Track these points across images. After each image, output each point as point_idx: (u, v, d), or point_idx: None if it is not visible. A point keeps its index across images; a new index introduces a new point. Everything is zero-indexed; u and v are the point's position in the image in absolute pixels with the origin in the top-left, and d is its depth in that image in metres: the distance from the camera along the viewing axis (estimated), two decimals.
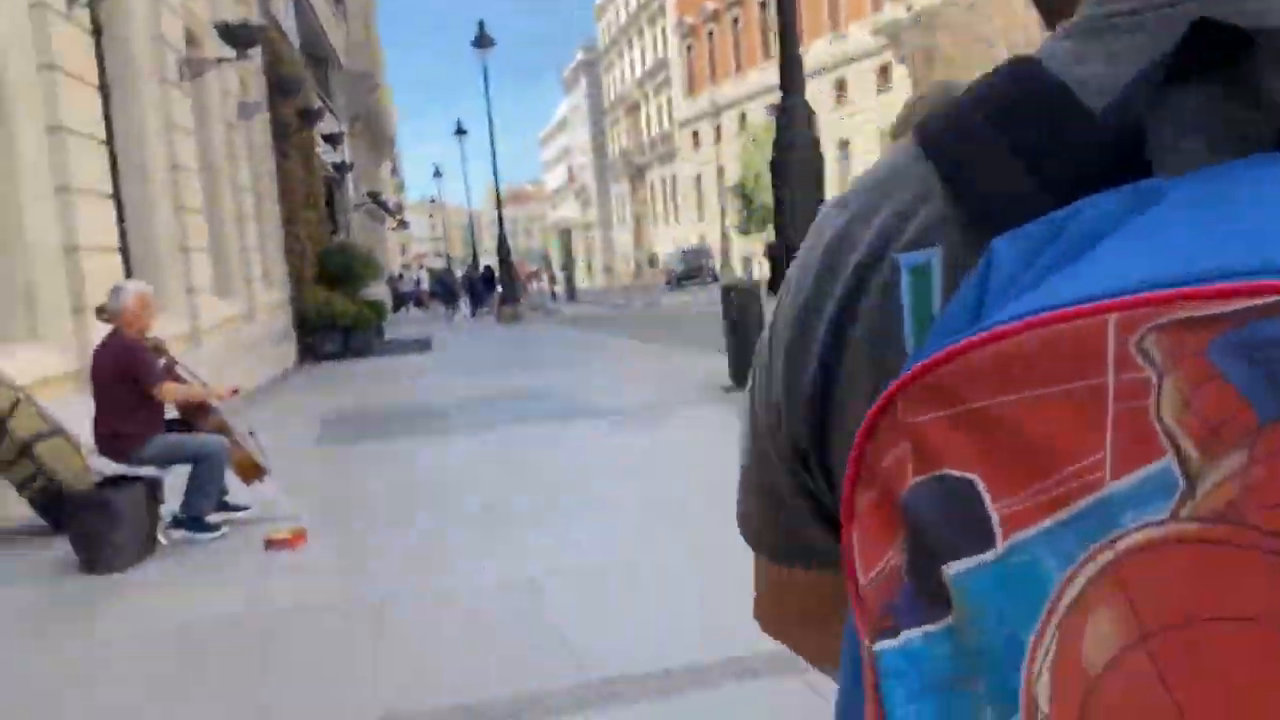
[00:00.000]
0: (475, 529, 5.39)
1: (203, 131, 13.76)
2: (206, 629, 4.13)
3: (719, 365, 9.74)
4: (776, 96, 9.00)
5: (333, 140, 22.98)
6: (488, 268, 36.09)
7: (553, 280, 41.48)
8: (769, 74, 32.31)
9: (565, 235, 42.64)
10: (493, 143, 28.77)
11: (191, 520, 5.47)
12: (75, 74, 8.17)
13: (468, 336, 22.33)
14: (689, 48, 56.98)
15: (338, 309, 18.42)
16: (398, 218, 59.11)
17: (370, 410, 10.56)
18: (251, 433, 5.88)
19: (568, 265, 39.51)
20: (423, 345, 20.12)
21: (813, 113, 8.52)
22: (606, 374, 12.23)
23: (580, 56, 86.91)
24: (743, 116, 46.72)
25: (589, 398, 9.92)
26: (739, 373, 8.86)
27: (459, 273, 42.50)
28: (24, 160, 7.18)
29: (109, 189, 8.93)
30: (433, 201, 79.69)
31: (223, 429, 5.61)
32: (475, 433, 8.63)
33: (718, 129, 51.77)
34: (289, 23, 20.63)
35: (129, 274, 10.16)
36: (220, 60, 13.00)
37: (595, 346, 15.83)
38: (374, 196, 37.18)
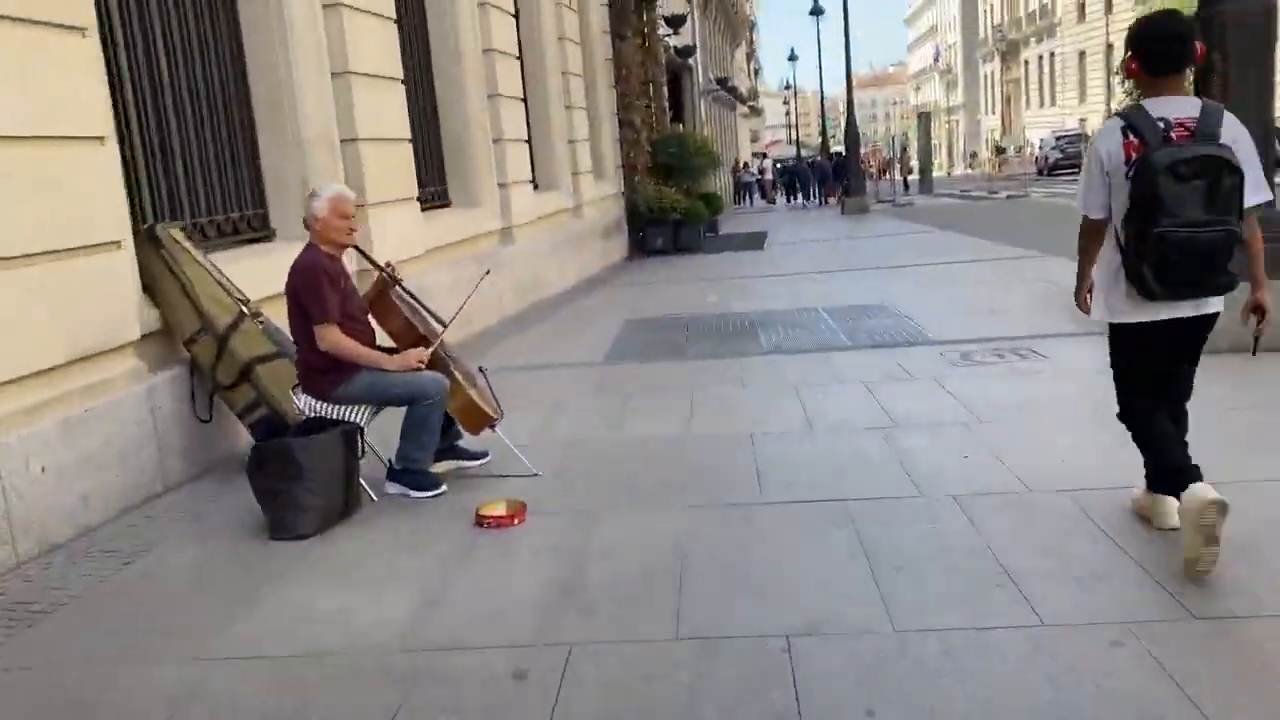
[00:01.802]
0: (774, 516, 4.03)
1: (526, 10, 12.99)
2: (339, 655, 3.10)
3: None
4: None
5: (674, 23, 21.79)
6: (836, 155, 33.96)
7: (905, 170, 38.40)
8: None
9: (924, 120, 39.12)
10: (846, 18, 26.40)
11: (406, 473, 4.52)
12: None
13: (806, 231, 20.71)
14: None
15: (668, 201, 17.46)
16: (749, 104, 57.75)
17: (674, 320, 9.41)
18: (481, 369, 4.82)
19: (924, 153, 36.30)
20: (756, 241, 18.81)
21: None
22: (957, 286, 10.29)
23: None
24: None
25: (934, 320, 8.16)
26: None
27: (809, 160, 40.59)
28: None
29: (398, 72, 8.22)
30: (787, 87, 77.22)
31: (439, 366, 4.58)
32: (782, 363, 7.22)
33: None
34: None
35: (430, 167, 9.55)
36: None
37: (947, 249, 13.72)
38: (722, 83, 35.96)
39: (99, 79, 4.85)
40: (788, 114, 79.99)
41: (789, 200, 35.72)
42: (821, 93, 45.87)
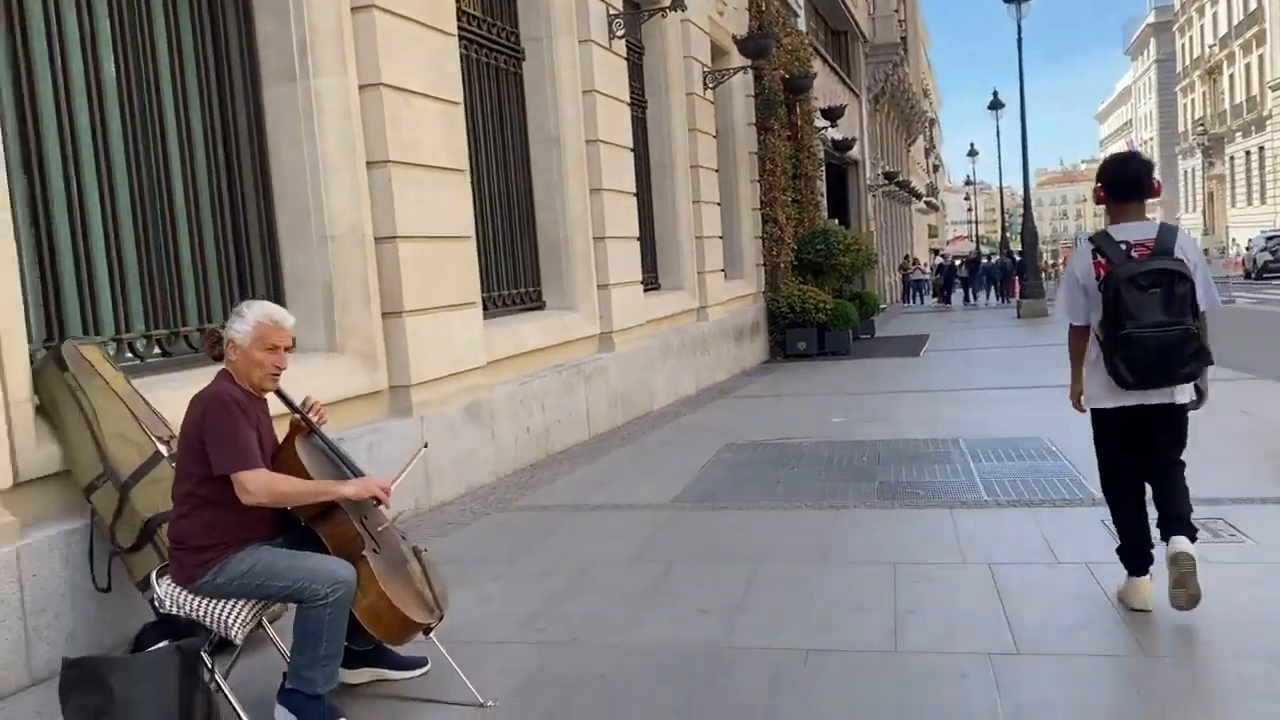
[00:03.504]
0: None
1: (653, 100, 12.02)
2: None
3: None
4: None
5: (832, 114, 20.53)
6: (1010, 254, 31.60)
7: None
8: None
9: None
10: (1023, 113, 24.53)
11: (295, 695, 3.25)
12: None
13: (970, 337, 18.75)
14: None
15: (812, 302, 16.00)
16: (926, 199, 55.66)
17: (781, 448, 7.92)
18: (418, 551, 3.51)
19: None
20: (913, 346, 17.04)
21: None
22: None
23: (1151, 19, 76.50)
24: None
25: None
26: None
27: (991, 258, 38.19)
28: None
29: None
30: (967, 183, 74.59)
31: (349, 544, 3.32)
32: (888, 523, 5.68)
33: None
34: None
35: (520, 267, 8.50)
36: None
37: None
38: (890, 177, 34.32)
39: None
40: (969, 209, 77.21)
41: (939, 301, 33.55)
42: (1001, 189, 43.50)
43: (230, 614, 3.24)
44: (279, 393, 3.55)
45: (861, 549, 5.05)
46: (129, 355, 4.99)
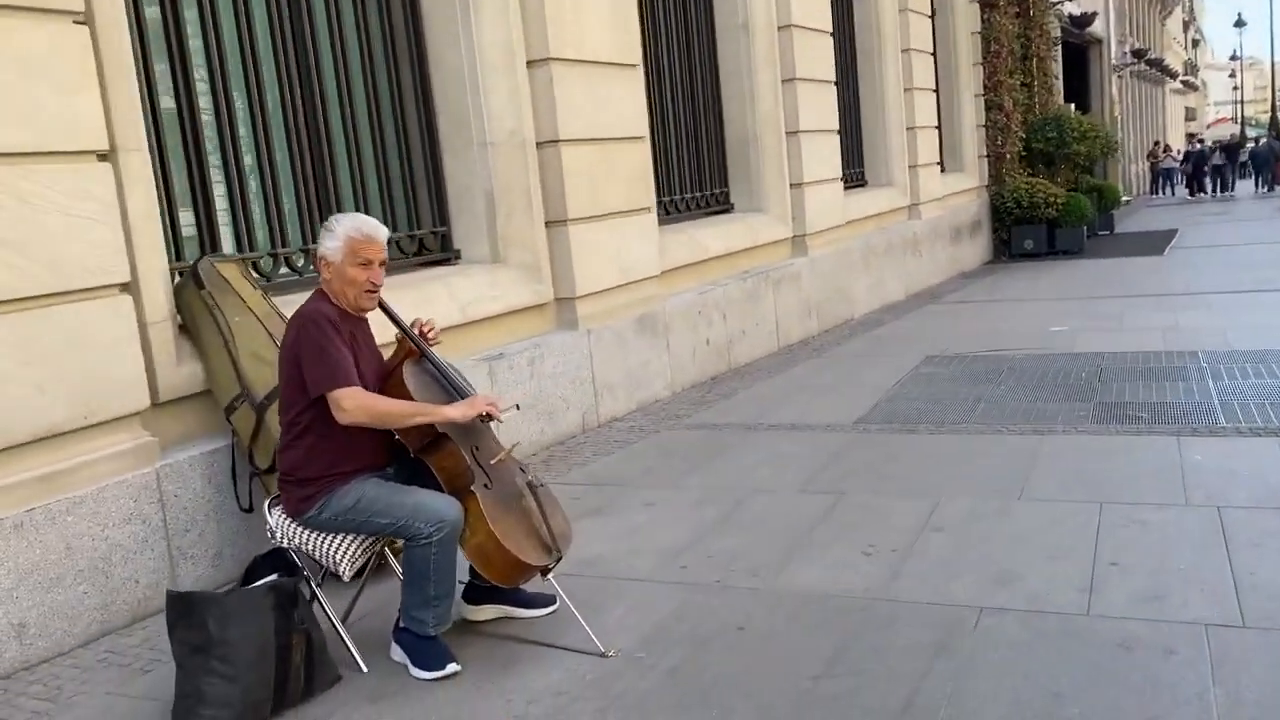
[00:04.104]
0: None
1: None
2: None
3: None
4: None
5: None
6: (1275, 137, 28.09)
7: None
8: None
9: None
10: None
11: (407, 635, 3.07)
12: None
13: (1226, 232, 16.74)
14: None
15: (1040, 196, 14.66)
16: (1182, 79, 50.32)
17: (989, 361, 7.17)
18: (533, 485, 3.19)
19: None
20: (1157, 244, 15.39)
21: None
22: None
23: None
24: None
25: None
26: None
27: (1258, 141, 34.17)
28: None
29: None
30: (1233, 58, 66.89)
31: (459, 478, 3.05)
32: (1100, 452, 5.01)
33: None
34: None
35: (702, 168, 8.04)
36: None
37: None
38: (1139, 55, 31.03)
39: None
40: (1234, 88, 69.54)
41: (1190, 192, 30.09)
42: (1274, 63, 38.72)
43: (339, 550, 3.08)
44: (387, 312, 3.31)
45: (1065, 483, 4.40)
46: (285, 271, 4.93)
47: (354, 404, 2.93)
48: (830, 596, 3.43)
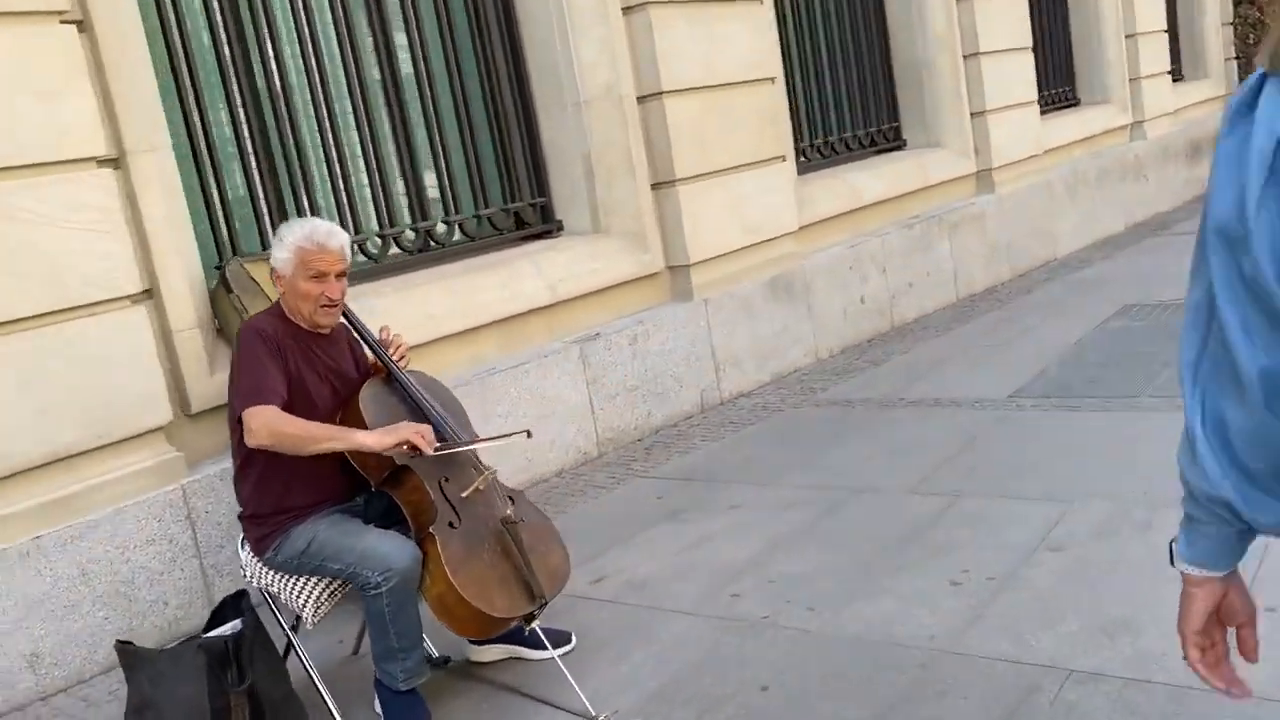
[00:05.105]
0: None
1: None
2: None
3: None
4: None
5: None
6: None
7: None
8: None
9: None
10: None
11: (382, 689, 2.73)
12: None
13: None
14: None
15: None
16: None
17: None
18: (510, 522, 2.71)
19: None
20: None
21: None
22: None
23: None
24: None
25: None
26: None
27: None
28: None
29: None
30: None
31: (423, 514, 2.65)
32: None
33: None
34: None
35: (872, 104, 7.24)
36: None
37: None
38: None
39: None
40: None
41: None
42: None
43: (302, 594, 2.76)
44: (353, 326, 2.94)
45: None
46: (360, 258, 4.68)
47: (259, 423, 2.57)
48: (889, 645, 2.81)
